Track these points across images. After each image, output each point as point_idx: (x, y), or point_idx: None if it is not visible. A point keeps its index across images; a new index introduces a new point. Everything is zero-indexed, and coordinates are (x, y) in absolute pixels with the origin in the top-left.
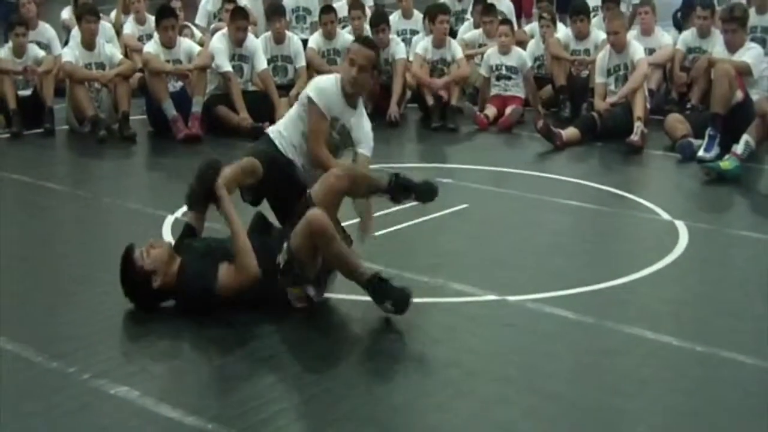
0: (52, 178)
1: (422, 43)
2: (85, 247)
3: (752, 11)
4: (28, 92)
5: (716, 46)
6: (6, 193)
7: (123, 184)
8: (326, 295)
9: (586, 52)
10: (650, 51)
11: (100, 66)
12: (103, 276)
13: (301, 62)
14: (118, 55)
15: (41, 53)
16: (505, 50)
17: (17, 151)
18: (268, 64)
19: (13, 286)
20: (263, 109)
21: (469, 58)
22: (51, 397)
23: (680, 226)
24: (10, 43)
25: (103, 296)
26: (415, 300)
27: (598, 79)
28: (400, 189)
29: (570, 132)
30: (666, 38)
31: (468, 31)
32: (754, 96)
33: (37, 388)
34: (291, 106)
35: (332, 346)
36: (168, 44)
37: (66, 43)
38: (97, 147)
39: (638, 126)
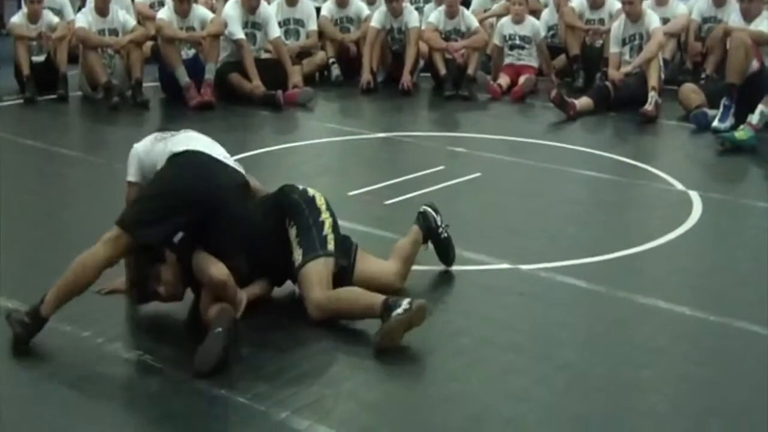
0: (66, 144)
1: (434, 13)
2: (97, 212)
3: None
4: (41, 58)
5: (732, 14)
6: (20, 158)
7: None
8: None
9: (601, 21)
10: (665, 20)
11: (114, 32)
12: None
13: (312, 25)
14: (132, 22)
15: (55, 19)
16: (518, 19)
17: (31, 117)
18: (281, 27)
19: (26, 251)
20: (276, 76)
21: (481, 22)
22: (64, 360)
23: (694, 196)
24: (24, 9)
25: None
26: (427, 268)
27: (613, 48)
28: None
29: (583, 102)
30: (681, 7)
31: None
32: None
33: (50, 351)
34: (303, 73)
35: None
36: (181, 11)
37: (80, 9)
38: (109, 113)
39: (652, 96)
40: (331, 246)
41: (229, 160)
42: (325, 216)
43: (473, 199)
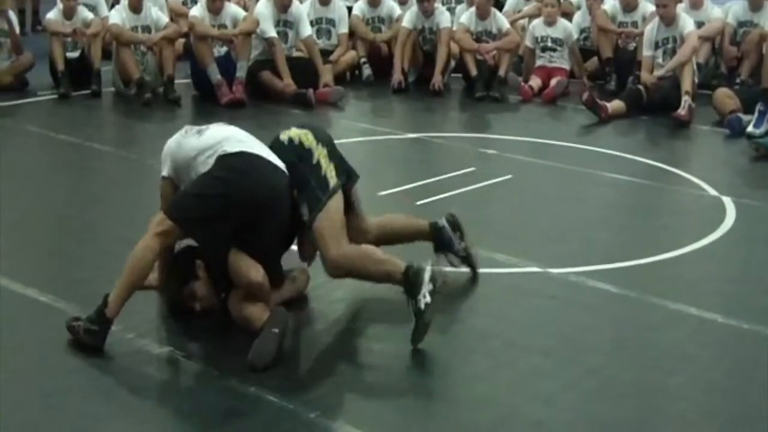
0: (99, 139)
1: (466, 14)
2: (129, 207)
3: None
4: (76, 54)
5: None
6: (53, 153)
7: None
8: None
9: (634, 24)
10: (699, 24)
11: (147, 29)
12: None
13: (344, 28)
14: (165, 19)
15: (90, 15)
16: (550, 21)
17: (65, 112)
18: (312, 26)
19: (60, 246)
20: (307, 75)
21: (512, 23)
22: (95, 355)
23: (727, 202)
24: (60, 6)
25: None
26: (458, 270)
27: (646, 51)
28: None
29: (615, 105)
30: (716, 11)
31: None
32: None
33: (82, 345)
34: (334, 72)
35: (371, 315)
36: (214, 9)
37: (113, 6)
38: (142, 109)
39: (686, 100)
40: (332, 181)
41: (273, 157)
42: (317, 153)
43: (504, 202)
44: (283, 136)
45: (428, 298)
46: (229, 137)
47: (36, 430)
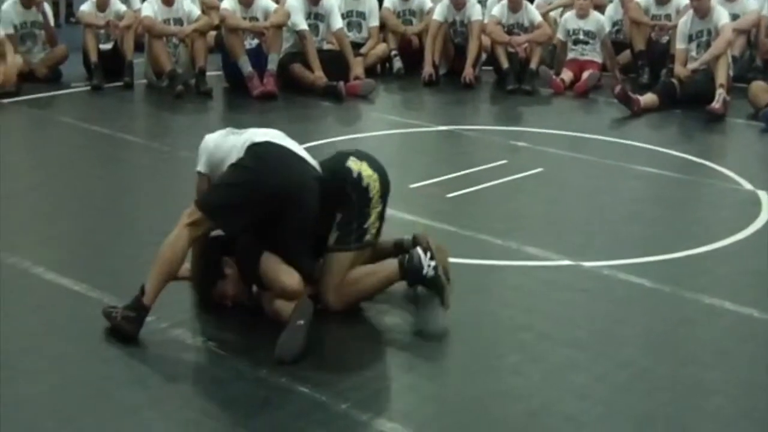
0: (131, 130)
1: (497, 7)
2: (161, 198)
3: None
4: (109, 46)
5: None
6: (86, 144)
7: (199, 138)
8: None
9: (667, 17)
10: (734, 17)
11: (178, 21)
12: None
13: (374, 22)
14: (196, 11)
15: (123, 8)
16: (582, 14)
17: (98, 104)
18: (343, 19)
19: (94, 236)
20: (338, 67)
21: (544, 16)
22: (130, 344)
23: (763, 196)
24: None
25: None
26: (489, 262)
27: (680, 44)
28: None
29: (648, 98)
30: (752, 3)
31: None
32: None
33: (118, 332)
34: (365, 64)
35: (398, 306)
36: (245, 1)
37: None
38: (173, 101)
39: (720, 93)
40: (368, 237)
41: (303, 152)
42: (373, 205)
43: (535, 195)
44: (354, 165)
45: (431, 264)
46: (262, 133)
47: (75, 417)
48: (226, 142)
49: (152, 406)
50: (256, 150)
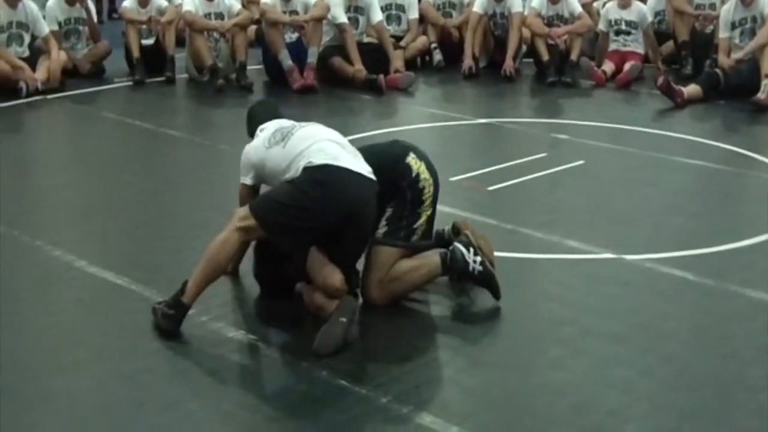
0: (172, 125)
1: None
2: (203, 192)
3: None
4: (150, 42)
5: None
6: (128, 139)
7: (240, 132)
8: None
9: (712, 6)
10: None
11: (219, 16)
12: (221, 221)
13: (414, 14)
14: (237, 6)
15: (164, 3)
16: (624, 4)
17: (140, 99)
18: (383, 12)
19: (136, 231)
20: (378, 61)
21: (586, 6)
22: (172, 338)
23: None
24: None
25: None
26: (530, 256)
27: (723, 33)
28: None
29: (692, 89)
30: None
31: None
32: None
33: (158, 328)
34: (405, 57)
35: (437, 300)
36: None
37: None
38: (215, 95)
39: (766, 84)
40: (415, 238)
41: (358, 163)
42: (425, 207)
43: (576, 187)
44: (414, 164)
45: (477, 260)
46: (314, 143)
47: (116, 409)
48: (271, 156)
49: (192, 399)
50: (315, 175)
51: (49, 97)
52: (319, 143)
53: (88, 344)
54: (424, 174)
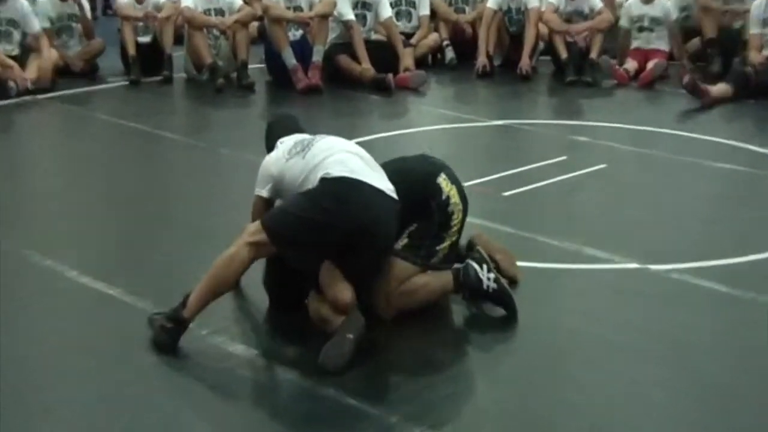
0: (170, 127)
1: None
2: (201, 198)
3: None
4: (147, 39)
5: None
6: (123, 141)
7: (241, 134)
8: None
9: (740, 0)
10: None
11: (220, 12)
12: (221, 229)
13: (425, 10)
14: (238, 2)
15: None
16: None
17: (135, 99)
18: (392, 8)
19: (131, 238)
20: (387, 59)
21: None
22: (168, 352)
23: None
24: None
25: (221, 250)
26: (549, 266)
27: (753, 29)
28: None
29: (720, 88)
30: None
31: None
32: None
33: (154, 342)
34: (415, 55)
35: (457, 314)
36: None
37: None
38: (214, 96)
39: None
40: (435, 260)
41: (378, 178)
42: (451, 233)
43: (598, 193)
44: (445, 186)
45: (491, 276)
46: (333, 155)
47: (111, 429)
48: (290, 167)
49: (190, 418)
50: (332, 188)
51: (39, 97)
52: (338, 154)
53: (78, 360)
54: (455, 198)
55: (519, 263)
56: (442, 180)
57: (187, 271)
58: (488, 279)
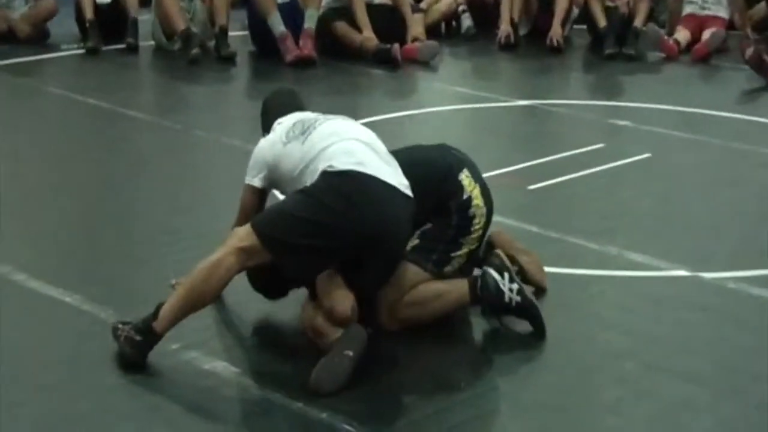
0: (135, 104)
1: None
2: (173, 189)
3: None
4: (108, 0)
5: None
6: (80, 121)
7: (219, 114)
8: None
9: None
10: None
11: None
12: (196, 226)
13: None
14: None
15: None
16: None
17: (94, 71)
18: None
19: (91, 236)
20: (392, 26)
21: None
22: (135, 369)
23: None
24: None
25: (196, 251)
26: (582, 272)
27: None
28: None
29: None
30: None
31: None
32: None
33: (120, 355)
34: (426, 22)
35: (475, 325)
36: None
37: None
38: (188, 68)
39: None
40: (449, 268)
41: (390, 172)
42: (471, 239)
43: (641, 187)
44: (468, 184)
45: (514, 288)
46: (338, 142)
47: None
48: (288, 153)
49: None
50: (336, 183)
51: None
52: (344, 142)
53: (28, 379)
54: (477, 200)
55: (546, 269)
56: (465, 177)
57: (157, 275)
58: (510, 291)
